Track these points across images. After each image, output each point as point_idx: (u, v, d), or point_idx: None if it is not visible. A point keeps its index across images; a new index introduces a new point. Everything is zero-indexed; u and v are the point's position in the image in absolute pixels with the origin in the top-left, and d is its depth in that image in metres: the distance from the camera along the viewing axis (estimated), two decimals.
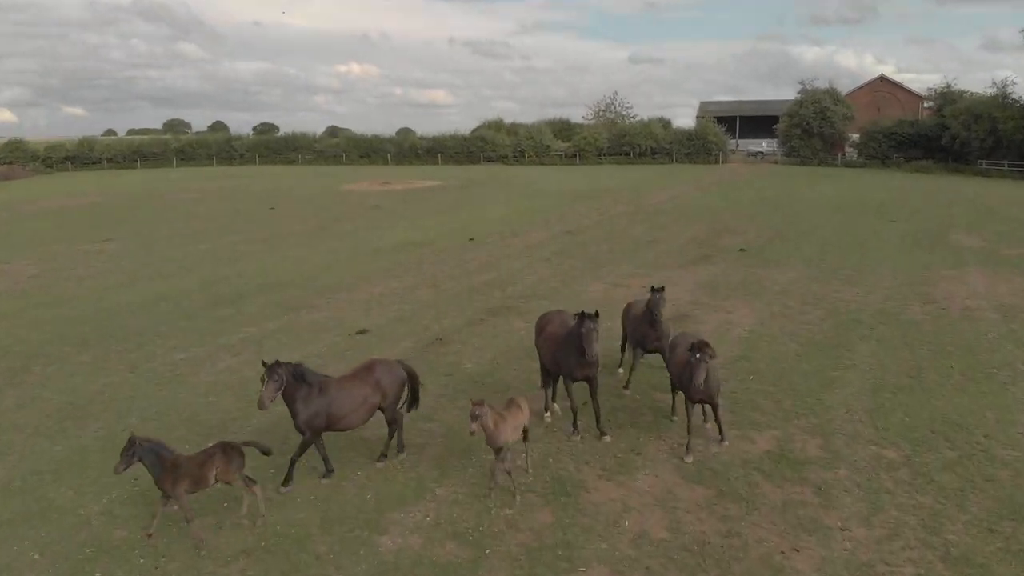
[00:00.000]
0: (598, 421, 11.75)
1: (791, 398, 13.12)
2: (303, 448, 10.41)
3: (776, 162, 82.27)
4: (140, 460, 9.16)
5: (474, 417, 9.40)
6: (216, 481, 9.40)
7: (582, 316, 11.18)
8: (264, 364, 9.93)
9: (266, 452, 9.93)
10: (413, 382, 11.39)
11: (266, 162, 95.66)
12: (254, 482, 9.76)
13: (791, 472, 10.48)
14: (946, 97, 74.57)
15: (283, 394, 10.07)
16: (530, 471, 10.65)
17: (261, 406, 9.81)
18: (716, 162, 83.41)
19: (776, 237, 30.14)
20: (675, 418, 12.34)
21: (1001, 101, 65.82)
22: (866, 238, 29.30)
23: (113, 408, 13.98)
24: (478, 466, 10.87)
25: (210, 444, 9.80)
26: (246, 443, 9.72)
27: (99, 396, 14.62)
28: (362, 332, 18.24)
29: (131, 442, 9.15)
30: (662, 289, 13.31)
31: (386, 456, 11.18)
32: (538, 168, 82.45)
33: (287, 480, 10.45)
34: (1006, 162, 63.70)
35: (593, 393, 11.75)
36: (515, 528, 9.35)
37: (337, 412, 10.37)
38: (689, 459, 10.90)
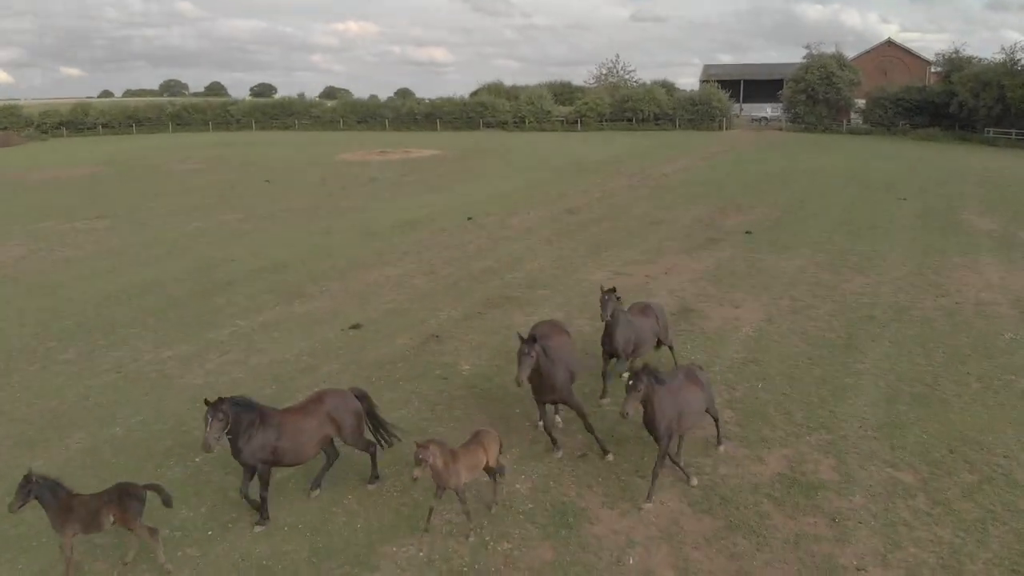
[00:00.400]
0: (597, 442, 11.22)
1: (802, 409, 12.58)
2: (264, 482, 9.70)
3: (781, 129, 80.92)
4: (36, 498, 8.62)
5: (418, 461, 8.71)
6: (113, 524, 8.81)
7: (520, 339, 10.57)
8: (207, 402, 9.20)
9: (166, 503, 9.18)
10: (368, 407, 10.61)
11: (262, 127, 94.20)
12: (155, 530, 9.11)
13: (804, 499, 9.98)
14: (954, 63, 73.01)
15: (232, 428, 9.35)
16: (494, 509, 9.88)
17: (206, 448, 9.05)
18: (720, 128, 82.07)
19: (783, 217, 29.39)
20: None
21: (1010, 68, 64.30)
22: (875, 219, 28.55)
23: (97, 415, 13.46)
24: (475, 491, 10.34)
25: (109, 486, 9.04)
26: (148, 487, 9.07)
27: (83, 401, 14.10)
28: (356, 327, 17.65)
29: (27, 479, 8.62)
30: (612, 291, 12.71)
31: (378, 477, 10.66)
32: (539, 135, 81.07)
33: (263, 518, 9.82)
34: (1014, 131, 62.53)
35: (580, 416, 11.19)
36: (513, 567, 8.86)
37: (283, 446, 9.63)
38: (694, 482, 10.39)
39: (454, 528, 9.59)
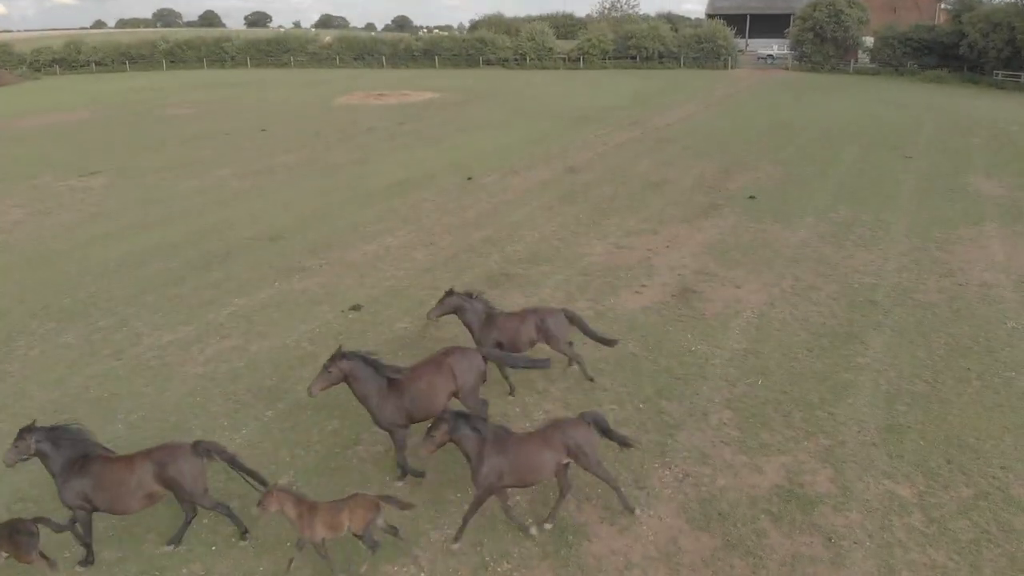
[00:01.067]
0: (401, 468, 10.98)
1: (801, 410, 12.60)
2: (84, 526, 9.51)
3: (787, 68, 79.19)
4: None
5: (259, 503, 8.90)
6: (7, 559, 8.91)
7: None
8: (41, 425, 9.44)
9: (59, 529, 9.28)
10: (227, 459, 9.87)
11: (258, 64, 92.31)
12: (54, 563, 9.23)
13: (800, 515, 10.07)
14: (964, 3, 70.90)
15: (43, 461, 9.39)
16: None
17: (5, 462, 9.19)
18: (725, 67, 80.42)
19: (787, 179, 28.94)
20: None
21: (1021, 8, 62.56)
22: (881, 181, 28.12)
23: (98, 410, 13.49)
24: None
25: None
26: (37, 519, 9.09)
27: (84, 393, 14.13)
28: (356, 308, 17.56)
29: None
30: (451, 291, 13.36)
31: (247, 531, 10.00)
32: (540, 74, 79.42)
33: (88, 559, 9.63)
34: (1023, 74, 61.26)
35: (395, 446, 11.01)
36: None
37: (99, 496, 9.26)
38: (533, 531, 9.85)
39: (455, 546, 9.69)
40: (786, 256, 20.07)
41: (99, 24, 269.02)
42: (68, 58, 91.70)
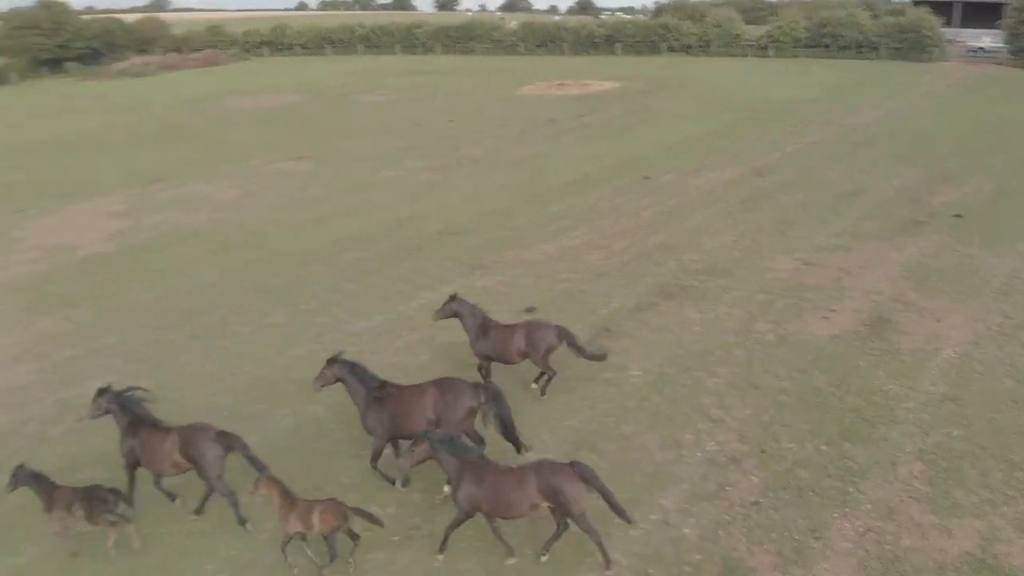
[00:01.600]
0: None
1: (1001, 469, 11.65)
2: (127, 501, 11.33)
3: (1000, 63, 71.48)
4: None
5: (254, 483, 10.14)
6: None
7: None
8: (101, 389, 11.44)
9: (115, 504, 10.56)
10: (241, 446, 11.29)
11: (447, 50, 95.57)
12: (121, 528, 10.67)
13: None
14: None
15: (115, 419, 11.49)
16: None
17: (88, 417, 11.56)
18: (929, 60, 73.90)
19: (997, 194, 26.29)
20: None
21: None
22: None
23: (300, 391, 14.72)
24: (658, 514, 10.52)
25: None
26: (113, 490, 10.53)
27: (288, 372, 15.57)
28: (530, 310, 18.04)
29: None
30: (454, 296, 14.60)
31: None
32: (726, 62, 76.57)
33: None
34: None
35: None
36: None
37: (142, 456, 11.16)
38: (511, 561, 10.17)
39: (621, 571, 9.89)
40: (994, 287, 18.41)
41: (302, 6, 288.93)
42: (275, 41, 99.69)
